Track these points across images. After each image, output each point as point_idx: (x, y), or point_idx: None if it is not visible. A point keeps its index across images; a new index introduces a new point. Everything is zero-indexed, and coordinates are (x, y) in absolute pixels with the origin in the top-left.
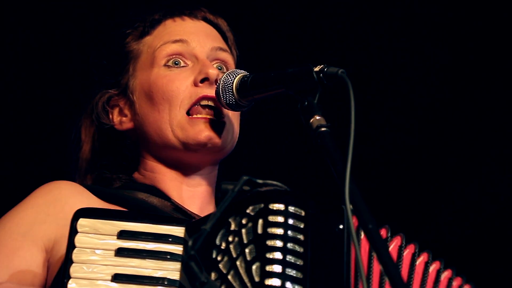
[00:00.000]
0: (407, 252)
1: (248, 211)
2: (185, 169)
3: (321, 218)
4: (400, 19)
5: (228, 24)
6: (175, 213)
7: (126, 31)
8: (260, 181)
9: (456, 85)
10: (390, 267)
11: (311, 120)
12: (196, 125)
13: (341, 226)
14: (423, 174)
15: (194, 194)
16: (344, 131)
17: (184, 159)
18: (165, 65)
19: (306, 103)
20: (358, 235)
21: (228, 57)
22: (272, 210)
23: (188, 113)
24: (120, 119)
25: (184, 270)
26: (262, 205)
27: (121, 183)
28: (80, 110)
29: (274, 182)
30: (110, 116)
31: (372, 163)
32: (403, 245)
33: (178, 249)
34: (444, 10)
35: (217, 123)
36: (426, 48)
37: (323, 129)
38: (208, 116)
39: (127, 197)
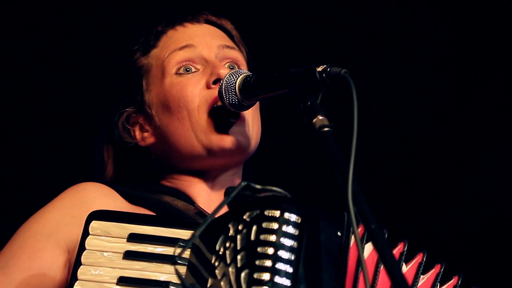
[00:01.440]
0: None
1: (245, 217)
2: (211, 174)
3: (318, 224)
4: (401, 18)
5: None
6: (197, 217)
7: (133, 48)
8: (259, 186)
9: (460, 85)
10: (393, 267)
11: (314, 120)
12: (219, 130)
13: (339, 233)
14: (426, 174)
15: (220, 198)
16: (347, 131)
17: (209, 164)
18: (176, 73)
19: (308, 103)
20: (362, 242)
21: (237, 55)
22: (267, 216)
23: (210, 115)
24: (142, 135)
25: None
26: (258, 212)
27: (148, 187)
28: (99, 132)
29: (274, 188)
30: (132, 133)
31: (374, 163)
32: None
33: (186, 252)
34: (447, 9)
35: (239, 125)
36: (427, 48)
37: (326, 129)
38: (229, 119)
39: (152, 199)
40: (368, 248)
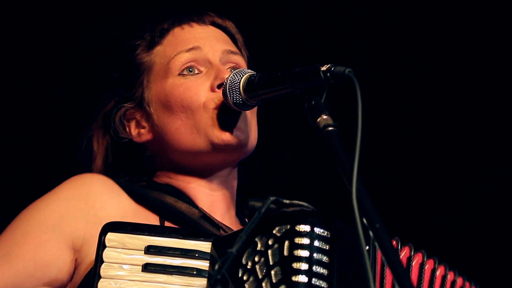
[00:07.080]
0: (415, 262)
1: (274, 231)
2: (208, 173)
3: (347, 238)
4: (405, 17)
5: (236, 25)
6: (202, 221)
7: (135, 43)
8: (286, 201)
9: (461, 86)
10: (398, 267)
11: (318, 120)
12: (221, 124)
13: (367, 248)
14: (430, 173)
15: (216, 199)
16: (351, 130)
17: (209, 161)
18: (179, 74)
19: (313, 102)
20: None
21: (239, 59)
22: (298, 231)
23: (215, 113)
24: (138, 132)
25: None
26: (288, 227)
27: (148, 184)
28: (89, 120)
29: (301, 203)
30: (127, 129)
31: (378, 162)
32: (411, 256)
33: (204, 264)
34: (450, 8)
35: (240, 122)
36: (430, 47)
37: (330, 128)
38: (232, 116)
39: (155, 199)
40: None
